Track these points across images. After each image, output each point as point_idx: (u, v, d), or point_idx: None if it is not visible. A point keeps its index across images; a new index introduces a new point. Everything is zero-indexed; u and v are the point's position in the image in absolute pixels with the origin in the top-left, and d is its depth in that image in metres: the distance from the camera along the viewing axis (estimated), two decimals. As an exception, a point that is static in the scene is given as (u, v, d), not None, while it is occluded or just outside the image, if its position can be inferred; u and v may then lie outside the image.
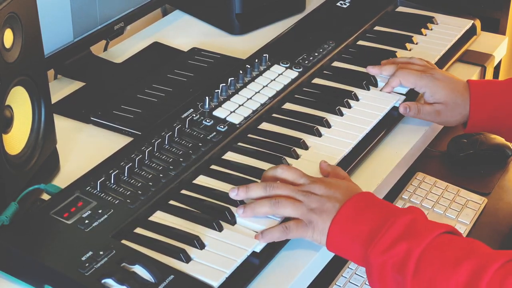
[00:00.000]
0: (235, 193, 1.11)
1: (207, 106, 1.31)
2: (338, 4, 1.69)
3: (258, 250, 1.06)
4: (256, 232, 1.08)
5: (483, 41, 1.65)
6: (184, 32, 1.70)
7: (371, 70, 1.43)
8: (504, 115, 1.35)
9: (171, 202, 1.14)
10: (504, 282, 0.94)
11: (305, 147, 1.25)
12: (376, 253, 1.02)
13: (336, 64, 1.50)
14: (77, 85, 1.48)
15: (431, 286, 0.98)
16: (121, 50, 1.61)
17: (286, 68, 1.43)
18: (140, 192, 1.12)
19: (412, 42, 1.56)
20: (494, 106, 1.35)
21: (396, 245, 1.01)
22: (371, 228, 1.04)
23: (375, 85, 1.42)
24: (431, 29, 1.62)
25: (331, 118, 1.32)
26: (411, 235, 1.01)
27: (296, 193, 1.10)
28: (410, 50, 1.52)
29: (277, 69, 1.43)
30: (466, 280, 0.96)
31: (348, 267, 1.40)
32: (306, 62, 1.46)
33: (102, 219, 1.07)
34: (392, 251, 1.01)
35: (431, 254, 0.99)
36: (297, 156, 1.23)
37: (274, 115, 1.34)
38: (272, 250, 1.08)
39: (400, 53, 1.52)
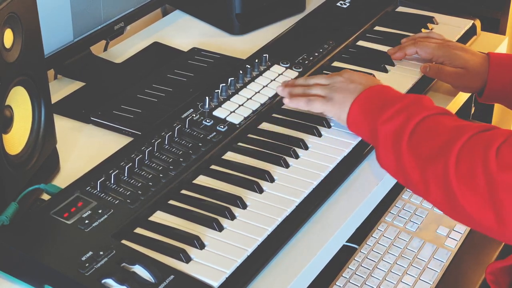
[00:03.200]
0: (281, 88, 1.32)
1: (207, 106, 1.31)
2: (338, 4, 1.69)
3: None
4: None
5: (483, 41, 1.65)
6: (184, 32, 1.70)
7: (397, 55, 1.48)
8: None
9: (171, 202, 1.14)
10: (475, 144, 1.05)
11: (305, 147, 1.25)
12: (380, 122, 1.16)
13: (336, 64, 1.50)
14: (77, 85, 1.48)
15: (419, 150, 1.10)
16: (121, 50, 1.61)
17: (286, 68, 1.43)
18: (140, 192, 1.12)
19: (412, 42, 1.56)
20: (511, 79, 1.38)
21: (398, 116, 1.14)
22: (383, 104, 1.18)
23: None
24: (431, 29, 1.62)
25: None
26: (412, 109, 1.15)
27: (325, 79, 1.28)
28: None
29: (277, 69, 1.43)
30: (446, 140, 1.08)
31: (348, 267, 1.40)
32: (306, 62, 1.46)
33: (102, 219, 1.07)
34: (394, 121, 1.14)
35: (425, 125, 1.12)
36: (297, 156, 1.23)
37: (274, 115, 1.34)
38: (272, 250, 1.08)
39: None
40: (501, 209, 1.01)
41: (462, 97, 1.51)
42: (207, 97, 1.32)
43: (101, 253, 1.01)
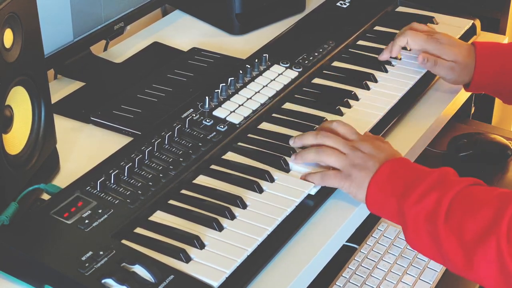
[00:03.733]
0: (293, 141, 1.22)
1: (207, 106, 1.31)
2: (338, 4, 1.69)
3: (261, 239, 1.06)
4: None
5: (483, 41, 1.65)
6: (184, 32, 1.70)
7: (383, 56, 1.47)
8: (507, 77, 1.38)
9: (171, 202, 1.14)
10: None
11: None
12: (409, 204, 1.08)
13: (336, 64, 1.50)
14: (77, 85, 1.48)
15: (461, 228, 1.03)
16: (121, 50, 1.61)
17: (286, 68, 1.43)
18: (140, 192, 1.12)
19: (412, 42, 1.56)
20: (498, 67, 1.38)
21: (427, 196, 1.07)
22: (405, 183, 1.10)
23: (375, 83, 1.42)
24: (431, 29, 1.62)
25: (331, 118, 1.32)
26: (441, 185, 1.08)
27: (343, 146, 1.18)
28: (410, 50, 1.52)
29: (277, 69, 1.43)
30: (490, 218, 1.01)
31: (348, 267, 1.40)
32: (306, 62, 1.46)
33: (102, 219, 1.07)
34: (424, 202, 1.07)
35: (460, 201, 1.05)
36: (297, 156, 1.23)
37: (274, 115, 1.34)
38: (272, 250, 1.08)
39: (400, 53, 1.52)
40: None
41: (462, 97, 1.51)
42: (207, 97, 1.32)
43: (101, 253, 1.01)
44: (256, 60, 1.43)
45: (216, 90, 1.34)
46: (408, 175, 1.12)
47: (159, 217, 1.11)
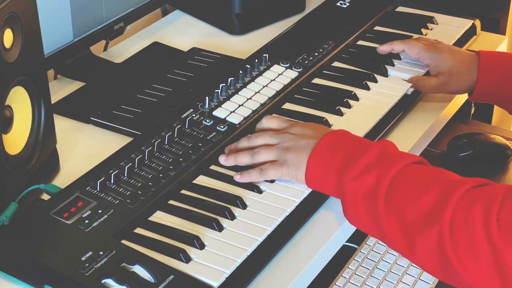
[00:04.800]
0: (224, 159, 1.18)
1: (207, 106, 1.31)
2: (338, 4, 1.69)
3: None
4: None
5: (483, 41, 1.65)
6: (184, 32, 1.70)
7: (383, 48, 1.46)
8: (510, 86, 1.36)
9: (171, 202, 1.14)
10: (469, 208, 0.96)
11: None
12: (348, 180, 1.06)
13: (336, 64, 1.50)
14: (77, 85, 1.48)
15: (402, 211, 1.01)
16: (121, 50, 1.61)
17: (286, 68, 1.43)
18: (140, 192, 1.12)
19: (412, 42, 1.56)
20: (501, 77, 1.37)
21: (366, 173, 1.05)
22: (345, 157, 1.08)
23: (375, 83, 1.42)
24: (431, 29, 1.62)
25: (331, 118, 1.32)
26: (381, 163, 1.05)
27: (270, 138, 1.17)
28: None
29: (277, 69, 1.43)
30: (433, 205, 0.99)
31: (348, 267, 1.40)
32: (306, 62, 1.46)
33: (102, 219, 1.07)
34: (363, 179, 1.05)
35: (401, 182, 1.03)
36: (297, 156, 1.23)
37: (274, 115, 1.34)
38: (272, 249, 1.08)
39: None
40: (510, 279, 0.94)
41: (462, 97, 1.51)
42: (207, 97, 1.32)
43: (101, 253, 1.01)
44: (256, 60, 1.43)
45: (216, 90, 1.34)
46: (347, 147, 1.10)
47: (159, 217, 1.11)
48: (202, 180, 1.18)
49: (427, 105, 1.44)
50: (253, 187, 1.16)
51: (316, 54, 1.48)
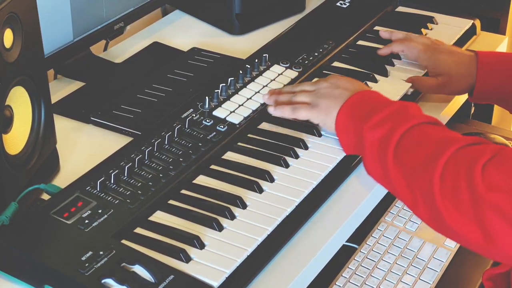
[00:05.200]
0: (267, 96, 1.30)
1: (207, 106, 1.31)
2: (338, 4, 1.69)
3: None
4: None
5: (483, 41, 1.65)
6: (184, 32, 1.70)
7: (383, 50, 1.48)
8: (510, 86, 1.37)
9: (171, 202, 1.14)
10: (460, 160, 1.03)
11: (305, 147, 1.25)
12: (367, 128, 1.14)
13: (336, 64, 1.50)
14: (77, 85, 1.48)
15: (405, 160, 1.09)
16: (121, 50, 1.61)
17: (286, 68, 1.43)
18: (140, 192, 1.12)
19: (412, 42, 1.56)
20: (501, 77, 1.37)
21: (384, 123, 1.13)
22: (369, 109, 1.16)
23: (375, 83, 1.42)
24: (431, 29, 1.62)
25: (331, 118, 1.32)
26: (398, 117, 1.13)
27: (310, 86, 1.27)
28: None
29: (277, 69, 1.43)
30: (429, 155, 1.06)
31: (348, 267, 1.40)
32: (306, 62, 1.46)
33: (102, 219, 1.07)
34: (380, 128, 1.13)
35: (410, 136, 1.10)
36: (297, 156, 1.23)
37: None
38: (272, 250, 1.08)
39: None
40: (488, 228, 0.99)
41: (462, 97, 1.51)
42: (207, 97, 1.32)
43: (101, 253, 1.01)
44: (256, 60, 1.43)
45: (216, 90, 1.34)
46: (374, 103, 1.18)
47: (159, 217, 1.11)
48: (202, 180, 1.18)
49: (427, 105, 1.44)
50: (253, 187, 1.16)
51: (316, 54, 1.48)
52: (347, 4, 1.68)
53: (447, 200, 1.02)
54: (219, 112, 1.30)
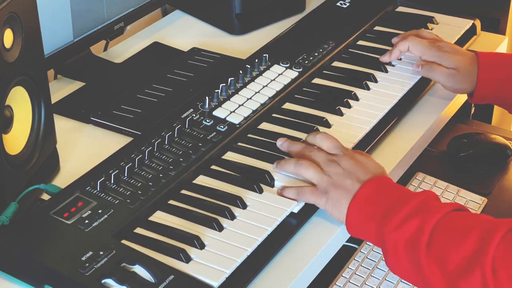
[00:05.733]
0: (281, 143, 1.22)
1: (207, 106, 1.31)
2: (338, 4, 1.69)
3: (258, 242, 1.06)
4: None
5: (483, 41, 1.65)
6: (184, 32, 1.70)
7: (385, 58, 1.47)
8: (511, 87, 1.36)
9: (171, 202, 1.14)
10: (509, 249, 0.96)
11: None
12: (389, 230, 1.05)
13: (336, 64, 1.50)
14: (77, 85, 1.48)
15: (444, 258, 1.00)
16: (121, 50, 1.61)
17: (286, 68, 1.43)
18: (140, 192, 1.12)
19: (412, 42, 1.56)
20: (501, 77, 1.37)
21: (408, 221, 1.04)
22: (386, 207, 1.07)
23: (375, 83, 1.42)
24: (431, 29, 1.62)
25: (331, 118, 1.32)
26: (423, 212, 1.05)
27: (322, 161, 1.15)
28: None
29: (277, 69, 1.43)
30: (474, 250, 0.99)
31: (348, 267, 1.40)
32: (306, 62, 1.46)
33: (102, 219, 1.07)
34: (405, 227, 1.04)
35: (442, 229, 1.02)
36: (297, 156, 1.23)
37: (274, 115, 1.34)
38: (272, 249, 1.08)
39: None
40: None
41: (462, 97, 1.51)
42: (207, 97, 1.32)
43: (101, 253, 1.01)
44: (256, 60, 1.43)
45: (216, 90, 1.34)
46: (389, 198, 1.09)
47: (159, 217, 1.11)
48: (202, 180, 1.18)
49: (427, 105, 1.44)
50: (253, 187, 1.16)
51: (316, 54, 1.48)
52: (347, 4, 1.68)
53: None
54: (219, 112, 1.30)
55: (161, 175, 1.15)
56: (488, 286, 0.97)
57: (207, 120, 1.28)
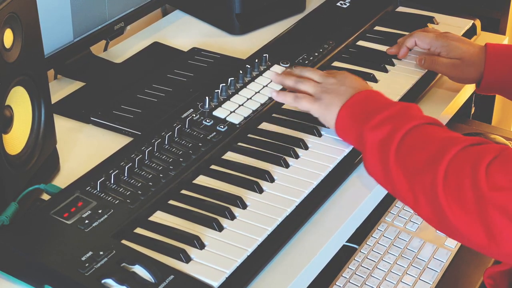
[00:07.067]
0: (275, 77, 1.33)
1: (207, 106, 1.31)
2: (338, 4, 1.69)
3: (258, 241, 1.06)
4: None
5: (483, 41, 1.64)
6: (184, 32, 1.70)
7: (395, 51, 1.49)
8: None
9: (171, 202, 1.14)
10: (463, 160, 1.03)
11: (305, 147, 1.25)
12: (367, 129, 1.14)
13: (336, 64, 1.50)
14: (77, 85, 1.48)
15: (406, 163, 1.09)
16: (121, 50, 1.61)
17: (286, 68, 1.43)
18: (140, 192, 1.12)
19: (412, 42, 1.56)
20: (508, 68, 1.38)
21: (384, 124, 1.13)
22: (371, 110, 1.16)
23: (375, 83, 1.42)
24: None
25: (331, 118, 1.32)
26: (399, 118, 1.13)
27: (320, 76, 1.27)
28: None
29: (277, 69, 1.43)
30: (432, 155, 1.06)
31: (348, 267, 1.40)
32: (306, 62, 1.46)
33: (102, 219, 1.07)
34: (381, 129, 1.13)
35: (411, 137, 1.10)
36: (297, 156, 1.23)
37: (274, 115, 1.34)
38: (272, 250, 1.08)
39: (400, 53, 1.52)
40: (492, 228, 0.99)
41: (462, 97, 1.51)
42: (207, 97, 1.32)
43: (101, 253, 1.01)
44: (256, 60, 1.43)
45: (216, 90, 1.34)
46: (375, 103, 1.18)
47: (159, 217, 1.11)
48: (202, 180, 1.18)
49: (427, 105, 1.44)
50: (253, 187, 1.16)
51: (316, 54, 1.48)
52: (347, 4, 1.68)
53: (450, 199, 1.02)
54: (219, 112, 1.30)
55: (161, 175, 1.15)
56: (437, 190, 1.03)
57: (207, 120, 1.28)
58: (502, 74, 1.38)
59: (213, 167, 1.21)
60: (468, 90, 1.52)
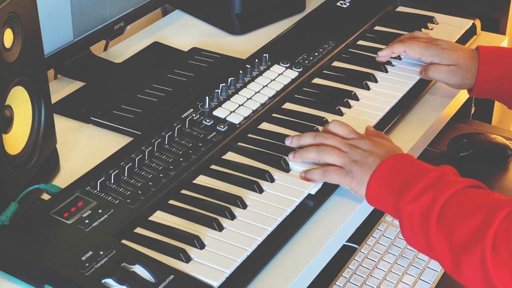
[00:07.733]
0: (289, 141, 1.23)
1: (207, 106, 1.31)
2: (338, 4, 1.69)
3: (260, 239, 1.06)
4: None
5: (483, 41, 1.65)
6: (184, 32, 1.70)
7: (383, 53, 1.47)
8: (510, 82, 1.37)
9: (171, 202, 1.14)
10: (510, 228, 0.99)
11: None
12: (405, 202, 1.09)
13: (336, 64, 1.50)
14: (77, 85, 1.48)
15: (451, 232, 1.04)
16: (121, 50, 1.61)
17: (286, 68, 1.43)
18: (140, 192, 1.12)
19: (412, 42, 1.56)
20: (501, 71, 1.37)
21: (423, 195, 1.07)
22: (404, 180, 1.11)
23: (375, 83, 1.42)
24: (431, 29, 1.62)
25: (331, 118, 1.32)
26: (438, 186, 1.08)
27: (342, 145, 1.19)
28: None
29: (277, 69, 1.43)
30: (478, 226, 1.01)
31: (348, 267, 1.40)
32: (306, 62, 1.46)
33: (102, 219, 1.07)
34: (419, 201, 1.07)
35: (453, 204, 1.05)
36: (297, 156, 1.23)
37: (274, 115, 1.34)
38: (272, 249, 1.08)
39: (400, 53, 1.52)
40: None
41: (462, 97, 1.51)
42: (207, 97, 1.32)
43: (101, 253, 1.01)
44: (256, 60, 1.43)
45: (216, 90, 1.34)
46: (407, 172, 1.12)
47: (159, 217, 1.11)
48: (202, 180, 1.18)
49: (427, 105, 1.44)
50: (253, 187, 1.16)
51: (316, 54, 1.48)
52: (347, 4, 1.68)
53: (503, 273, 0.98)
54: (219, 112, 1.30)
55: (161, 175, 1.15)
56: (487, 263, 0.99)
57: (207, 120, 1.28)
58: (495, 78, 1.37)
59: (213, 167, 1.21)
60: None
